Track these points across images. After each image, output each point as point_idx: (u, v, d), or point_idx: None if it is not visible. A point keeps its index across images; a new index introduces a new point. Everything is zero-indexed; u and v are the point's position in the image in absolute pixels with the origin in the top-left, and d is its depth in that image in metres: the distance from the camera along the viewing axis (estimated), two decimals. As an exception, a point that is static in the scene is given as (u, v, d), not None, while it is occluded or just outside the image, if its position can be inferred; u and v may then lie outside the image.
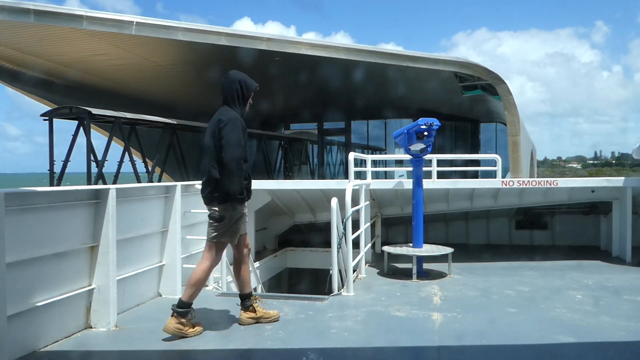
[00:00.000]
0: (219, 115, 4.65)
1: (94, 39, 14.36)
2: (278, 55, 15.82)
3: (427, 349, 4.40)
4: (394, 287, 6.54)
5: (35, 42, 14.82)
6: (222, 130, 4.51)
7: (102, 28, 13.29)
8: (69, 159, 14.74)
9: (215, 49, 15.42)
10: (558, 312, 5.38)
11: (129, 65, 17.39)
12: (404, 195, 8.65)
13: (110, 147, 15.37)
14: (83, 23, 13.05)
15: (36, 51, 15.83)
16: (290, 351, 4.31)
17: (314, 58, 15.89)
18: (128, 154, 16.01)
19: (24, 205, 4.08)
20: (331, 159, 29.07)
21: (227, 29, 14.77)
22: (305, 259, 9.99)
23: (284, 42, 15.38)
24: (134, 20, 13.50)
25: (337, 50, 15.58)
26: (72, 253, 4.62)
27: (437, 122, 6.94)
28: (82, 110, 14.18)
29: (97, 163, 14.59)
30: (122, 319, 5.04)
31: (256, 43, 14.88)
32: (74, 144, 14.76)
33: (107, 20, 13.27)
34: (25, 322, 4.08)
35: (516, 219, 10.07)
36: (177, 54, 16.68)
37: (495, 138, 27.30)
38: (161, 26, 13.90)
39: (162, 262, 6.06)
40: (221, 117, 4.60)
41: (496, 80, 16.28)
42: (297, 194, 9.08)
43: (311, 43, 15.54)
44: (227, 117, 4.58)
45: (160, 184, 6.16)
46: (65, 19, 12.98)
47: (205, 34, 14.40)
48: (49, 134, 14.56)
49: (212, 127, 4.62)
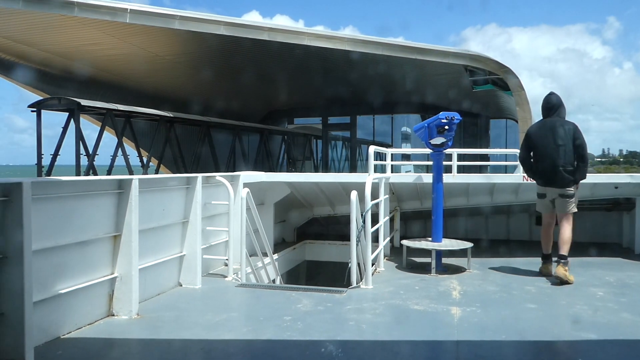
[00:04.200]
0: (568, 124, 6.56)
1: (87, 27, 13.80)
2: (281, 47, 15.10)
3: (446, 343, 4.39)
4: (412, 281, 6.53)
5: (25, 30, 14.27)
6: (577, 134, 6.47)
7: (95, 15, 12.76)
8: (59, 152, 14.28)
9: (216, 40, 14.75)
10: (579, 308, 5.33)
11: (126, 55, 16.83)
12: (423, 189, 8.61)
13: (102, 140, 14.96)
14: (74, 10, 12.47)
15: (28, 40, 15.23)
16: (309, 342, 4.33)
17: (318, 50, 15.20)
18: (121, 148, 15.57)
19: (50, 194, 4.16)
20: (336, 154, 28.35)
21: (227, 18, 14.06)
22: (324, 252, 10.01)
23: (286, 32, 14.60)
24: (128, 7, 12.94)
25: (342, 41, 14.81)
26: (96, 242, 4.70)
27: (457, 116, 6.90)
28: (72, 101, 13.73)
29: (87, 155, 14.18)
30: (144, 307, 5.11)
31: (257, 33, 14.21)
32: (64, 137, 14.33)
33: (100, 7, 12.74)
34: (50, 309, 4.16)
35: (537, 214, 9.96)
36: (176, 44, 16.08)
37: (505, 134, 26.57)
38: (156, 14, 13.36)
39: (183, 252, 6.12)
40: (572, 125, 6.53)
41: (508, 74, 15.73)
42: (317, 187, 9.09)
43: (315, 33, 14.77)
44: (574, 125, 6.54)
45: (182, 175, 6.21)
46: (55, 5, 12.41)
47: (203, 23, 13.72)
48: (37, 125, 14.15)
49: (564, 131, 6.47)
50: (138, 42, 15.55)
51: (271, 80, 20.73)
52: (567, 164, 6.45)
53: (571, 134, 6.46)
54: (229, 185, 6.72)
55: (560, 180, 6.49)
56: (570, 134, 6.47)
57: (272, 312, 5.17)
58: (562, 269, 6.30)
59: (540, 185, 6.76)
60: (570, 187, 6.49)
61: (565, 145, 6.46)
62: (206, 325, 4.74)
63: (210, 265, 6.87)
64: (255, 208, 6.99)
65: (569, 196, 6.50)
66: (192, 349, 4.30)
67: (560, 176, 6.47)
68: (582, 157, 6.50)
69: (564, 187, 6.49)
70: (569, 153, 6.45)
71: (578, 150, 6.46)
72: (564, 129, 6.51)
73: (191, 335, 4.47)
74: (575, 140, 6.45)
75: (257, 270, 7.28)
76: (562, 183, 6.49)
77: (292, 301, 5.50)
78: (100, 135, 14.96)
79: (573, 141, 6.44)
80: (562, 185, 6.49)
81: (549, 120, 6.68)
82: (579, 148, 6.45)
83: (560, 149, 6.46)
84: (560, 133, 6.49)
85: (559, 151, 6.47)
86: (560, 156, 6.46)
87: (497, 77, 16.58)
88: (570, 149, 6.45)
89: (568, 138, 6.46)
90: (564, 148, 6.46)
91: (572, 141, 6.45)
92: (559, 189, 6.54)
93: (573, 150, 6.45)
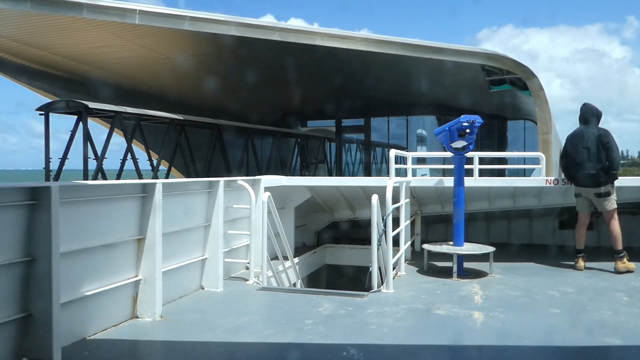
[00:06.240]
0: (598, 131, 7.22)
1: (97, 29, 13.64)
2: (294, 48, 14.74)
3: (469, 347, 4.36)
4: (434, 285, 6.50)
5: (34, 33, 14.17)
6: (603, 139, 7.13)
7: (104, 17, 12.56)
8: (67, 155, 14.03)
9: (227, 41, 14.47)
10: (604, 313, 5.25)
11: (137, 58, 16.60)
12: (444, 193, 8.56)
13: (110, 143, 14.71)
14: (83, 11, 12.22)
15: (37, 43, 15.09)
16: (331, 346, 4.34)
17: (331, 51, 14.84)
18: (130, 151, 15.31)
19: (77, 198, 4.24)
20: (350, 157, 27.86)
21: (237, 18, 13.62)
22: (344, 256, 10.01)
23: (298, 32, 14.22)
24: (137, 8, 12.65)
25: (355, 41, 14.35)
26: (120, 245, 4.78)
27: (479, 119, 6.86)
28: (79, 104, 13.56)
29: (96, 158, 13.97)
30: (167, 310, 5.17)
31: (268, 33, 13.84)
32: (72, 140, 14.04)
33: (109, 8, 12.49)
34: (77, 310, 4.24)
35: (560, 218, 9.83)
36: (187, 46, 15.88)
37: (524, 136, 26.06)
38: (166, 15, 13.05)
39: (205, 255, 6.18)
40: (600, 132, 7.20)
41: (526, 74, 15.24)
42: (337, 190, 9.10)
43: (327, 33, 14.34)
44: (604, 131, 7.22)
45: (204, 179, 6.28)
46: (63, 6, 12.18)
47: (213, 24, 13.36)
48: (45, 129, 13.96)
49: (591, 136, 7.17)
50: (148, 44, 15.39)
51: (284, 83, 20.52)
52: (593, 166, 7.17)
53: (596, 139, 7.19)
54: (250, 189, 6.77)
55: (589, 181, 7.23)
56: (595, 138, 7.19)
57: (294, 316, 5.19)
58: (620, 264, 7.15)
59: (575, 185, 7.49)
60: (601, 186, 7.19)
61: (590, 149, 7.19)
62: (228, 328, 4.78)
63: (231, 268, 6.93)
64: (276, 212, 7.03)
65: (602, 195, 7.22)
66: (215, 351, 4.34)
67: (589, 177, 7.22)
68: (609, 159, 7.14)
69: (595, 187, 7.23)
70: (593, 156, 7.17)
71: (606, 153, 7.14)
72: (591, 134, 7.24)
73: (214, 337, 4.52)
74: (602, 145, 7.16)
75: (278, 273, 7.31)
76: (592, 183, 7.23)
77: (313, 305, 5.51)
78: (109, 138, 14.72)
79: (601, 145, 7.16)
80: (593, 185, 7.23)
81: (580, 128, 7.45)
82: (606, 151, 7.13)
83: (585, 153, 7.22)
84: (587, 138, 7.24)
85: (585, 155, 7.23)
86: (586, 159, 7.21)
87: (515, 77, 16.15)
88: (594, 152, 7.17)
89: (593, 142, 7.18)
90: (589, 151, 7.19)
91: (599, 145, 7.16)
92: (591, 189, 7.27)
93: (597, 153, 7.16)
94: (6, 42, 15.05)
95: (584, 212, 7.56)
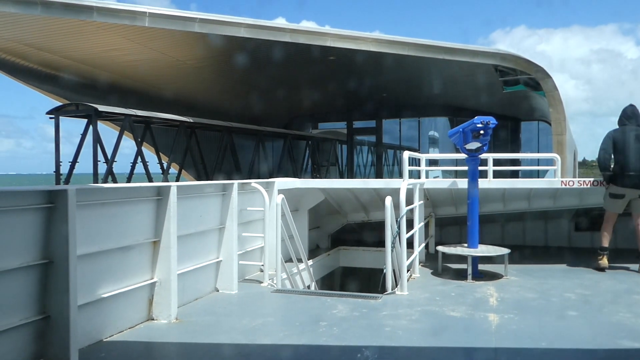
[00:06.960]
0: None
1: (107, 32, 13.63)
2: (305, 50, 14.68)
3: (484, 350, 4.34)
4: (448, 287, 6.47)
5: (45, 37, 14.19)
6: None
7: (114, 20, 12.56)
8: (77, 159, 13.93)
9: (238, 43, 14.44)
10: (622, 316, 5.19)
11: (147, 61, 16.50)
12: (458, 195, 8.52)
13: (120, 146, 14.51)
14: (93, 14, 12.30)
15: (48, 47, 15.08)
16: (345, 348, 4.34)
17: (342, 52, 14.78)
18: (140, 154, 15.14)
19: (93, 201, 4.29)
20: (361, 159, 27.67)
21: (247, 19, 13.55)
22: (358, 258, 10.00)
23: (308, 33, 14.22)
24: (147, 10, 12.64)
25: (367, 42, 14.25)
26: (136, 247, 4.82)
27: (493, 121, 6.82)
28: (89, 107, 13.51)
29: (106, 161, 13.88)
30: (182, 312, 5.20)
31: (279, 35, 13.82)
32: (82, 144, 13.91)
33: (119, 11, 12.48)
34: (94, 312, 4.28)
35: (576, 220, 9.74)
36: (197, 48, 15.80)
37: (538, 137, 25.63)
38: (176, 17, 13.01)
39: (219, 258, 6.21)
40: None
41: (541, 74, 15.02)
42: (351, 193, 9.10)
43: (338, 34, 14.25)
44: None
45: (218, 182, 6.32)
46: (74, 10, 12.22)
47: (223, 25, 13.31)
48: (55, 132, 13.83)
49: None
50: (159, 46, 15.41)
51: (295, 84, 20.52)
52: None
53: None
54: (264, 192, 6.79)
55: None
56: None
57: (308, 318, 5.20)
58: None
59: (619, 186, 7.29)
60: None
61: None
62: (243, 330, 4.80)
63: (246, 271, 6.95)
64: (290, 214, 7.05)
65: None
66: (230, 353, 4.36)
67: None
68: None
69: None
70: None
71: None
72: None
73: (229, 339, 4.54)
74: None
75: (292, 276, 7.33)
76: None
77: (327, 307, 5.52)
78: (119, 141, 14.71)
79: None
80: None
81: (629, 127, 7.36)
82: None
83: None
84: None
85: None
86: None
87: (529, 77, 15.99)
88: None
89: None
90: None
91: None
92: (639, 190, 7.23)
93: None
94: (17, 46, 15.16)
95: (616, 213, 7.51)
